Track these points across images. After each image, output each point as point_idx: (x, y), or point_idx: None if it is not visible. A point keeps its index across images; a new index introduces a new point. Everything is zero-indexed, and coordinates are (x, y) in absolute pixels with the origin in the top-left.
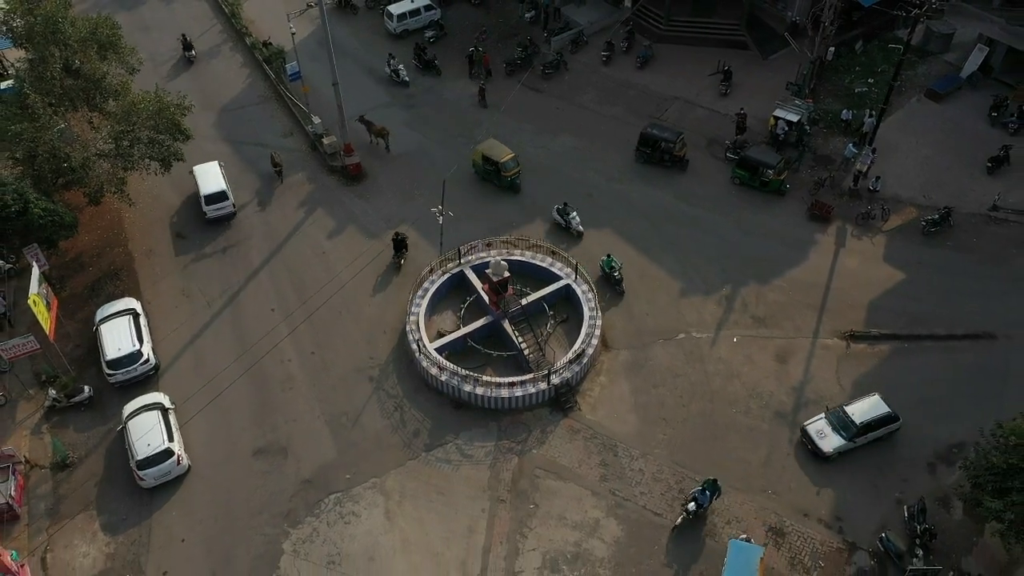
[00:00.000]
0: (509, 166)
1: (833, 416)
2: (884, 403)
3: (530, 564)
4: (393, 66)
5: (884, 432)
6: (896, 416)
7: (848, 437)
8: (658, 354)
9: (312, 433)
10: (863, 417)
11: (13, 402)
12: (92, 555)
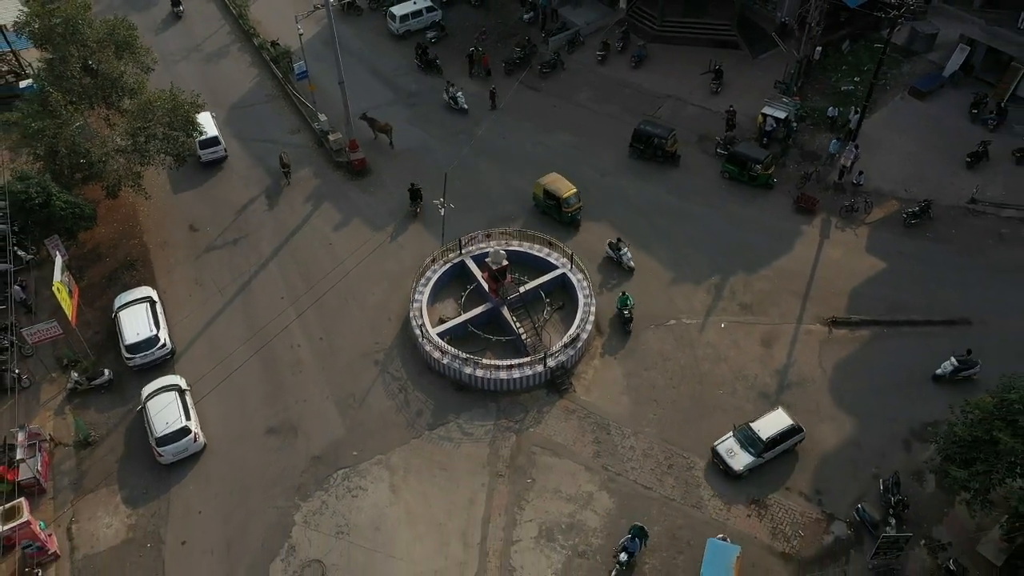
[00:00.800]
0: (571, 202)
1: (741, 434)
2: (787, 416)
3: (527, 534)
4: (452, 93)
5: (789, 444)
6: (800, 428)
7: (756, 453)
8: (649, 339)
9: (321, 413)
10: (769, 432)
11: (37, 384)
12: (115, 526)
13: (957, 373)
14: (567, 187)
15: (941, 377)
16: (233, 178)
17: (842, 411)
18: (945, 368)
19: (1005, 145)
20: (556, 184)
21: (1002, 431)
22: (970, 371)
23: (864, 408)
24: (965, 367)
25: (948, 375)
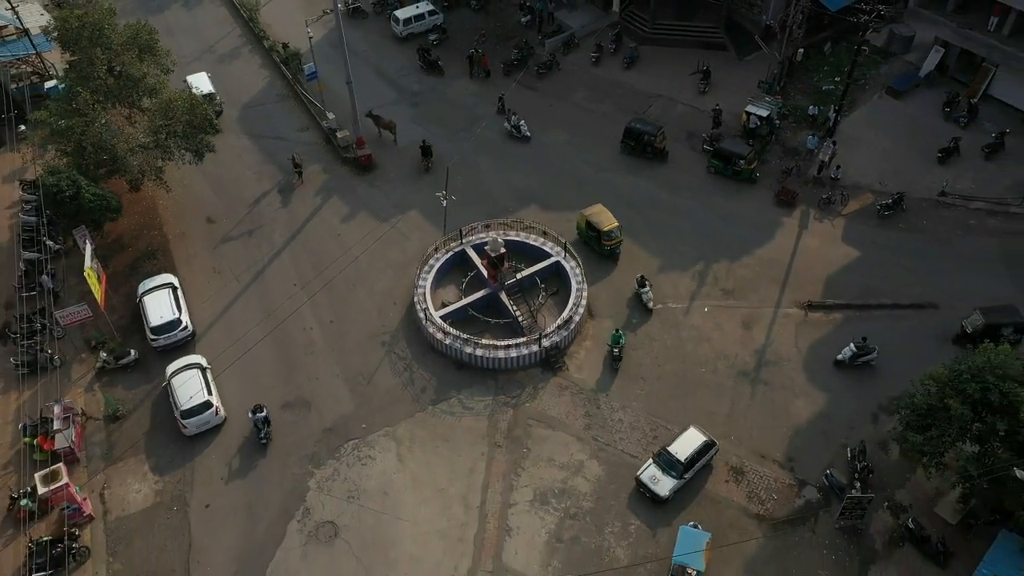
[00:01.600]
0: (612, 235)
1: (661, 459)
2: (700, 433)
3: (523, 498)
4: (514, 122)
5: (706, 460)
6: (713, 442)
7: (678, 475)
8: (637, 322)
9: (332, 390)
10: (686, 453)
11: (68, 364)
12: (143, 491)
13: (856, 359)
14: (609, 220)
15: (841, 362)
16: (247, 173)
17: (815, 387)
18: (845, 354)
19: (975, 141)
20: (599, 216)
21: (953, 399)
22: (868, 356)
23: (835, 384)
24: (863, 353)
25: (848, 360)
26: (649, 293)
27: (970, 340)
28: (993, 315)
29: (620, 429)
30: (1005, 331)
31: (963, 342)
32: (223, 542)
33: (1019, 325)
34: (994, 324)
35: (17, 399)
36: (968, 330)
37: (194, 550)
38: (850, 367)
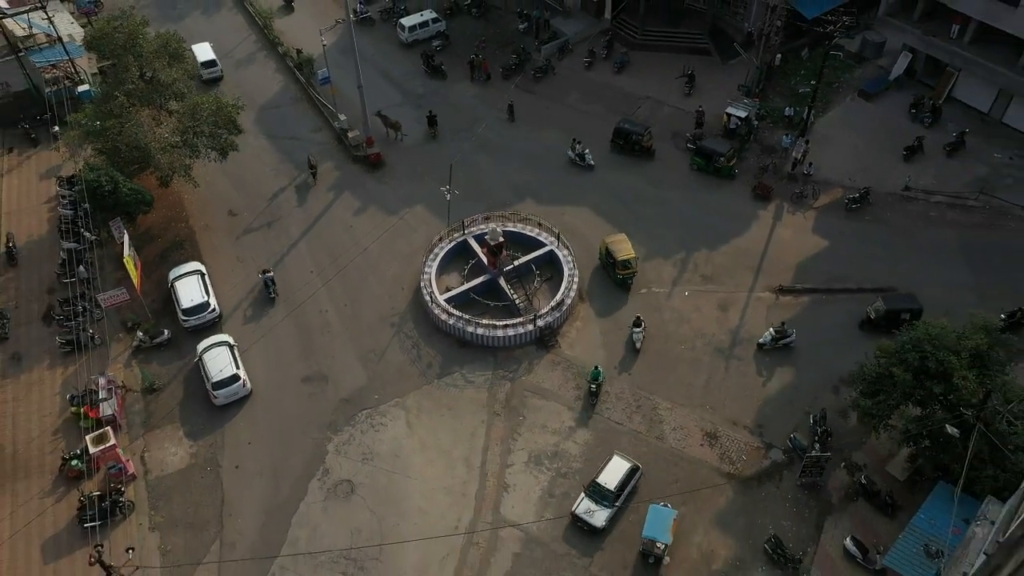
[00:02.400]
0: (626, 265)
1: (592, 492)
2: (624, 460)
3: (519, 459)
4: (579, 151)
5: (634, 484)
6: (637, 466)
7: (611, 504)
8: (624, 305)
9: (347, 365)
10: (615, 482)
11: (106, 343)
12: (179, 454)
13: (776, 341)
14: (626, 251)
15: (763, 345)
16: (265, 170)
17: (783, 362)
18: (766, 338)
19: (938, 140)
20: (618, 245)
21: (897, 367)
22: (787, 339)
23: (802, 360)
24: (782, 336)
25: (768, 343)
26: (641, 335)
27: (874, 325)
28: (893, 302)
29: (606, 399)
30: (904, 316)
31: (867, 327)
32: (252, 498)
33: (915, 311)
34: (894, 310)
35: (62, 374)
36: (872, 316)
37: (226, 505)
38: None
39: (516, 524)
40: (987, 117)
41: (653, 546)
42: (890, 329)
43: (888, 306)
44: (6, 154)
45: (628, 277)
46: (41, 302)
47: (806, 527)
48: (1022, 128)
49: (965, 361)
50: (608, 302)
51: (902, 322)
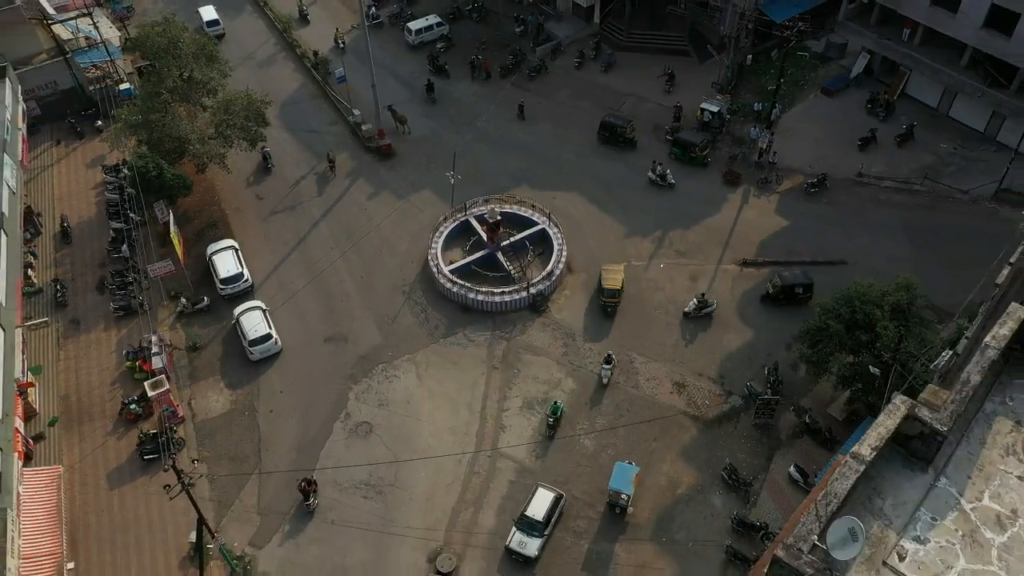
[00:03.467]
0: (611, 293)
1: (522, 525)
2: (548, 491)
3: (514, 405)
4: (659, 171)
5: (559, 511)
6: (561, 495)
7: (540, 534)
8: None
9: (364, 327)
10: (542, 513)
11: (153, 309)
12: (221, 401)
13: (700, 310)
14: (612, 281)
15: (688, 313)
16: (287, 160)
17: (744, 323)
18: (690, 306)
19: (890, 132)
20: (609, 274)
21: (832, 320)
22: (708, 308)
23: (760, 321)
24: (704, 305)
25: (692, 311)
26: (610, 372)
27: (773, 299)
28: (789, 279)
29: (590, 355)
30: (798, 290)
31: (768, 300)
32: (285, 437)
33: (807, 286)
34: (789, 285)
35: (116, 335)
36: (770, 291)
37: (263, 442)
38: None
39: (511, 457)
40: (936, 112)
41: (618, 497)
42: (787, 302)
43: (784, 282)
44: (54, 146)
45: (610, 305)
46: (94, 274)
47: (758, 459)
48: (966, 121)
49: (887, 313)
50: (595, 274)
51: (796, 296)
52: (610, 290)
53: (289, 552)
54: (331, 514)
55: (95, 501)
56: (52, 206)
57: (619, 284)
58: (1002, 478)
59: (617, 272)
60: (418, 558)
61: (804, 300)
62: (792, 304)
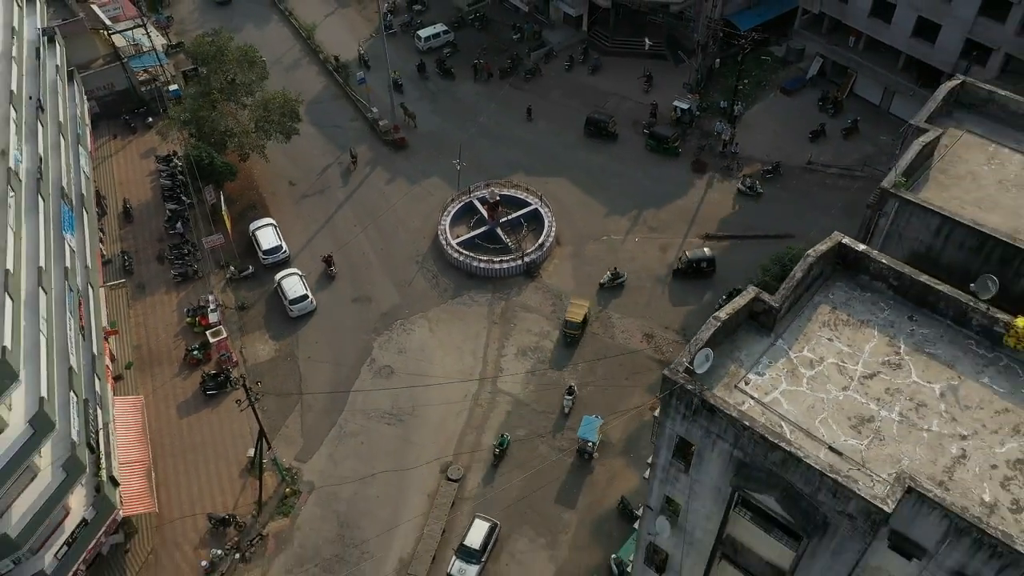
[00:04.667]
0: (570, 325)
1: (461, 554)
2: (485, 520)
3: (510, 352)
4: (748, 183)
5: (494, 539)
6: (496, 524)
7: (478, 561)
8: (589, 248)
9: (385, 290)
10: (479, 541)
11: (206, 276)
12: (266, 350)
13: (613, 280)
14: (575, 315)
15: (603, 284)
16: (315, 152)
17: (705, 287)
18: (606, 278)
19: (838, 126)
20: (573, 307)
21: (770, 277)
22: (620, 279)
23: (718, 284)
24: (617, 277)
25: (607, 283)
26: (571, 402)
27: (683, 272)
28: (694, 256)
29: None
30: (702, 264)
31: (678, 274)
32: (321, 377)
33: (710, 261)
34: (695, 260)
35: (177, 297)
36: (680, 266)
37: (303, 382)
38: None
39: (508, 392)
40: (879, 108)
41: (586, 444)
42: (695, 275)
43: (690, 258)
44: (111, 139)
45: (571, 336)
46: (154, 247)
47: None
48: (904, 117)
49: None
50: (579, 246)
51: (702, 269)
52: (572, 323)
53: (327, 466)
54: (360, 437)
55: (168, 427)
56: (114, 191)
57: (581, 318)
58: (817, 340)
59: (581, 307)
60: (432, 469)
61: (709, 273)
62: (699, 277)
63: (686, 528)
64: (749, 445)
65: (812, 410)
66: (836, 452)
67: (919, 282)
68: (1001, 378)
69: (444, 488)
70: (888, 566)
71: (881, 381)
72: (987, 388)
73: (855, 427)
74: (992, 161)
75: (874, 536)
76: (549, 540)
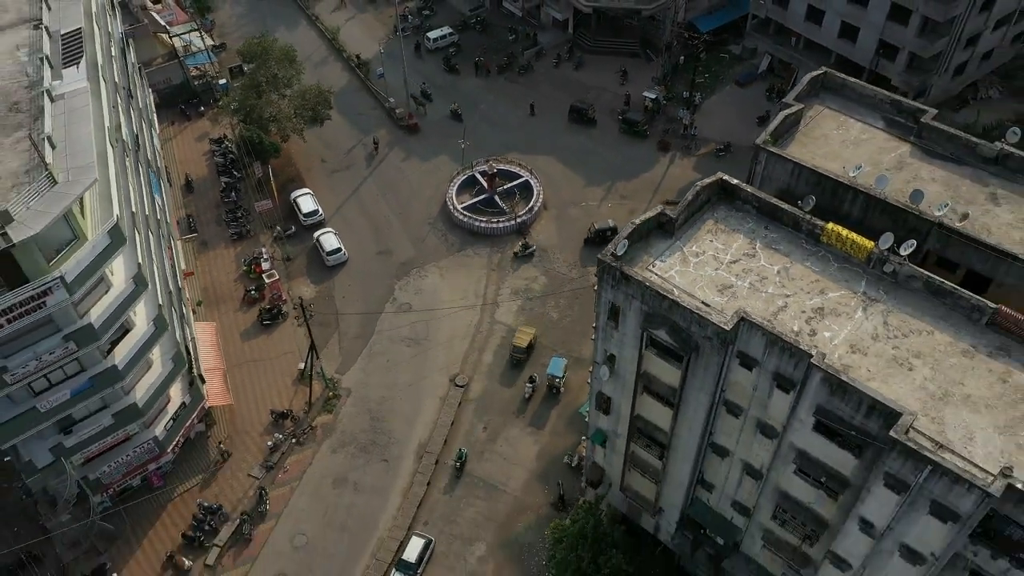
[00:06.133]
0: (516, 350)
1: (400, 567)
2: (421, 536)
3: (505, 292)
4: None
5: (429, 554)
6: (430, 540)
7: (415, 573)
8: (570, 212)
9: (403, 245)
10: (415, 555)
11: (255, 235)
12: (309, 291)
13: (524, 249)
14: (521, 340)
15: (517, 254)
16: (342, 135)
17: None
18: (519, 248)
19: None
20: (521, 334)
21: None
22: (530, 250)
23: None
24: (527, 248)
25: (520, 253)
26: (531, 389)
27: (593, 241)
28: (601, 226)
29: (557, 260)
30: (608, 233)
31: (589, 242)
32: (353, 310)
33: (613, 230)
34: (602, 230)
35: (234, 251)
36: (589, 235)
37: (339, 315)
38: None
39: (504, 323)
40: None
41: (554, 380)
42: (602, 242)
43: (597, 228)
44: (170, 125)
45: (517, 360)
46: (212, 212)
47: None
48: None
49: None
50: (562, 211)
51: (607, 237)
52: (518, 347)
53: (360, 377)
54: (386, 356)
55: (234, 348)
56: (176, 167)
57: (526, 344)
58: (702, 240)
59: (527, 334)
60: (443, 378)
61: None
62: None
63: (619, 372)
64: (651, 300)
65: (694, 282)
66: (706, 305)
67: (770, 203)
68: (818, 262)
69: (452, 392)
70: (740, 380)
71: (740, 265)
72: (808, 268)
73: (720, 291)
74: (840, 128)
75: (726, 352)
76: (534, 429)
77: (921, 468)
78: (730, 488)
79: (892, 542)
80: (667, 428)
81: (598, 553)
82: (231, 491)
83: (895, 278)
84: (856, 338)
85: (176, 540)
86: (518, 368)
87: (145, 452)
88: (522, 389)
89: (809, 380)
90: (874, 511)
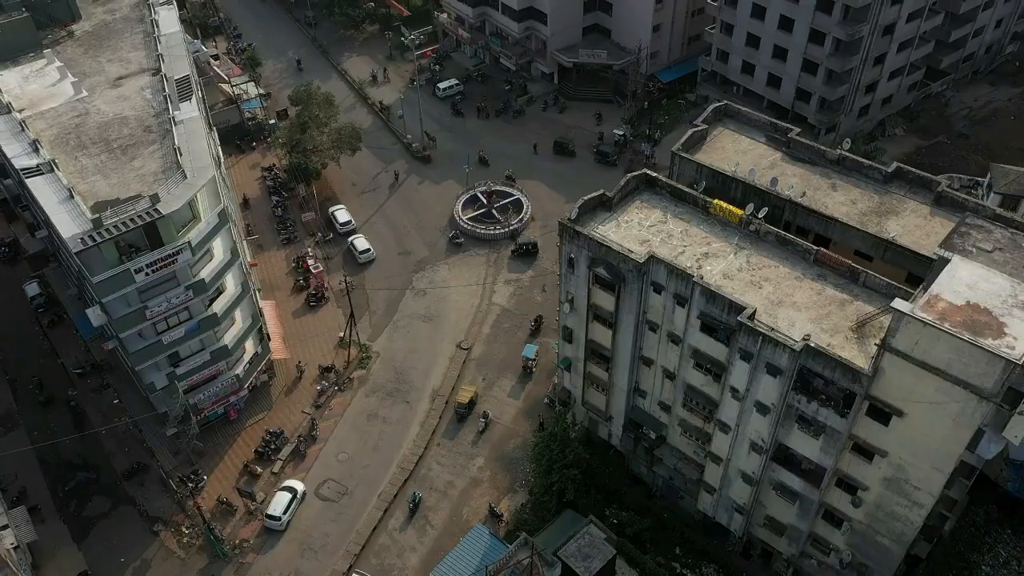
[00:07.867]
0: (459, 406)
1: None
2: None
3: (500, 281)
4: None
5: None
6: (297, 491)
7: (280, 521)
8: (552, 223)
9: (418, 247)
10: (280, 510)
11: (302, 239)
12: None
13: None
14: (463, 397)
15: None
16: (368, 165)
17: None
18: None
19: None
20: (463, 392)
21: None
22: None
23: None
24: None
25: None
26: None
27: (517, 253)
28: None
29: (542, 258)
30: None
31: (514, 254)
32: (380, 298)
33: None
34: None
35: (284, 252)
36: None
37: (369, 299)
38: None
39: (500, 305)
40: None
41: (527, 360)
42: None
43: (521, 242)
44: (227, 158)
45: (460, 413)
46: (264, 223)
47: None
48: None
49: None
50: (547, 222)
51: (529, 251)
52: (461, 404)
53: (387, 343)
54: (407, 328)
55: (288, 323)
56: (235, 189)
57: (468, 399)
58: (631, 214)
59: (468, 391)
60: (451, 344)
61: (534, 253)
62: (529, 256)
63: (577, 307)
64: (594, 247)
65: (623, 238)
66: (630, 251)
67: (678, 188)
68: (708, 226)
69: (458, 353)
70: (655, 303)
71: (655, 228)
72: (701, 230)
73: (640, 243)
74: (734, 142)
75: (643, 281)
76: (520, 379)
77: (757, 340)
78: (656, 391)
79: (750, 401)
80: (609, 346)
81: (564, 445)
82: (289, 423)
83: (758, 234)
84: (728, 270)
85: (250, 456)
86: (463, 422)
87: (229, 387)
88: (519, 362)
89: (694, 294)
90: (737, 379)
